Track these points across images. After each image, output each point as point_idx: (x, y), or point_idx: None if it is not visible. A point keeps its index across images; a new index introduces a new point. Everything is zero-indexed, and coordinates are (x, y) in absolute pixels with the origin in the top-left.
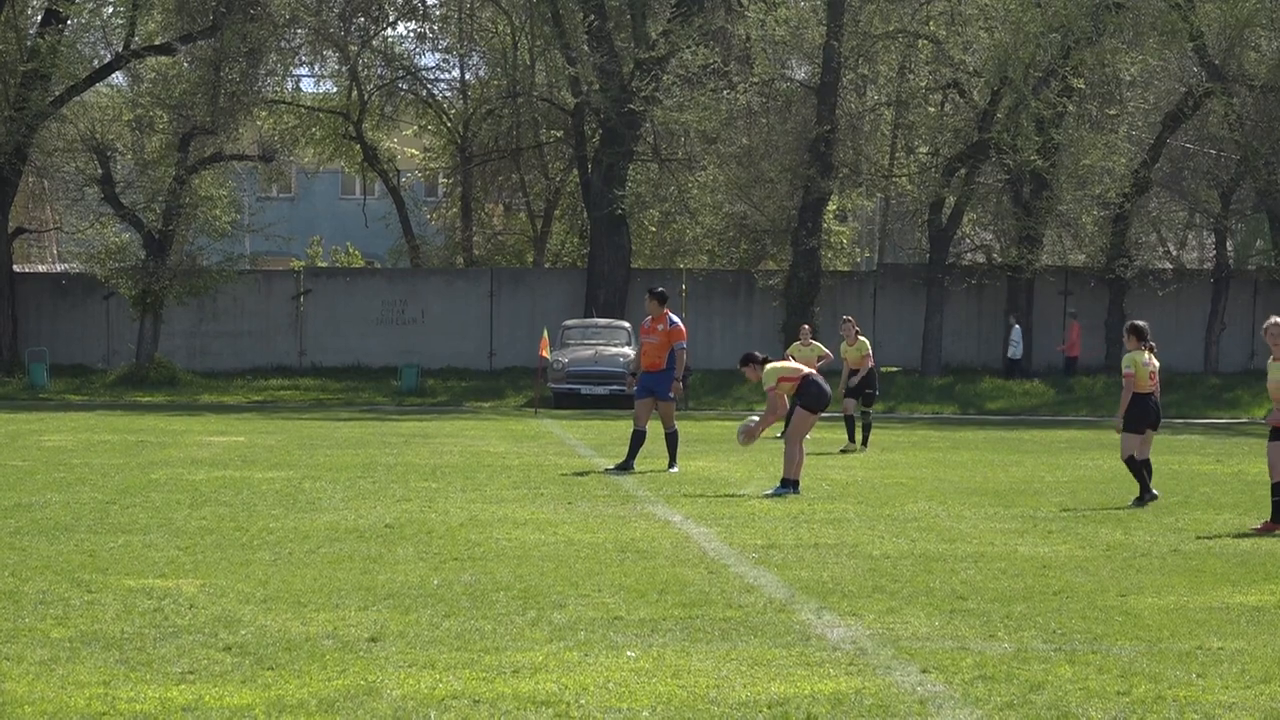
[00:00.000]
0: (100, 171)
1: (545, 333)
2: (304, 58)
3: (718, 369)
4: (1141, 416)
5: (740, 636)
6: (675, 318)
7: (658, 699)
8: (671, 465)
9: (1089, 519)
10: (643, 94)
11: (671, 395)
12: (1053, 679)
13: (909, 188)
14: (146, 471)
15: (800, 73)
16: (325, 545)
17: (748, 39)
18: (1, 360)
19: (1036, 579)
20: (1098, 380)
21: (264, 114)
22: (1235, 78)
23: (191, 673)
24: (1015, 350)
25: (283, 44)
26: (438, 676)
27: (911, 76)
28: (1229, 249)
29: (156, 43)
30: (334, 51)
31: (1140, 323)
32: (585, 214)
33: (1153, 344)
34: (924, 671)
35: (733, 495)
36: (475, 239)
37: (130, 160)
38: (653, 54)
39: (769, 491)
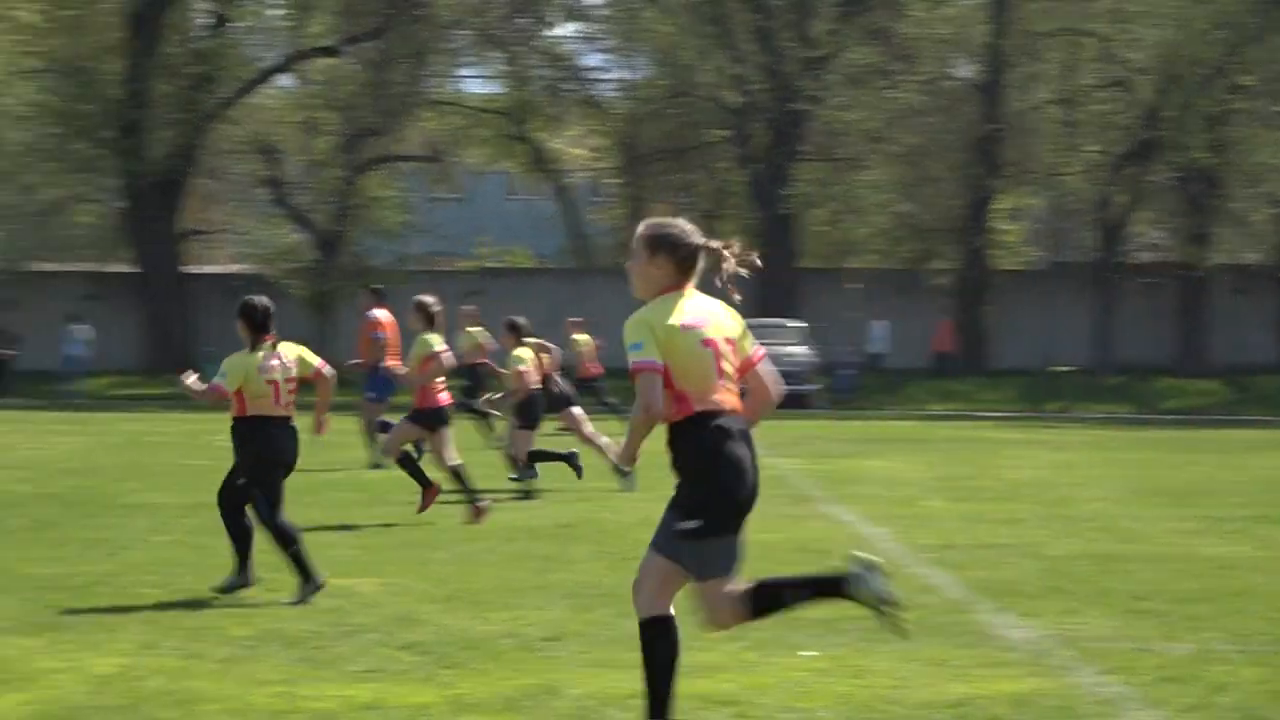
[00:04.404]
0: (269, 173)
1: None
2: (468, 59)
3: (888, 368)
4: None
5: (919, 637)
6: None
7: (837, 699)
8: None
9: (1268, 520)
10: (807, 93)
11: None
12: (1237, 681)
13: (1077, 186)
14: (325, 471)
15: (965, 71)
16: (502, 544)
17: (912, 37)
18: (174, 361)
19: (1217, 580)
20: (1273, 380)
21: (430, 115)
22: None
23: (372, 671)
24: (878, 346)
25: (447, 45)
26: (617, 676)
27: (1078, 74)
28: None
29: (322, 45)
30: (498, 52)
31: (516, 319)
32: (753, 214)
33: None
34: (1105, 673)
35: (911, 497)
36: None
37: (299, 161)
38: (817, 53)
39: None
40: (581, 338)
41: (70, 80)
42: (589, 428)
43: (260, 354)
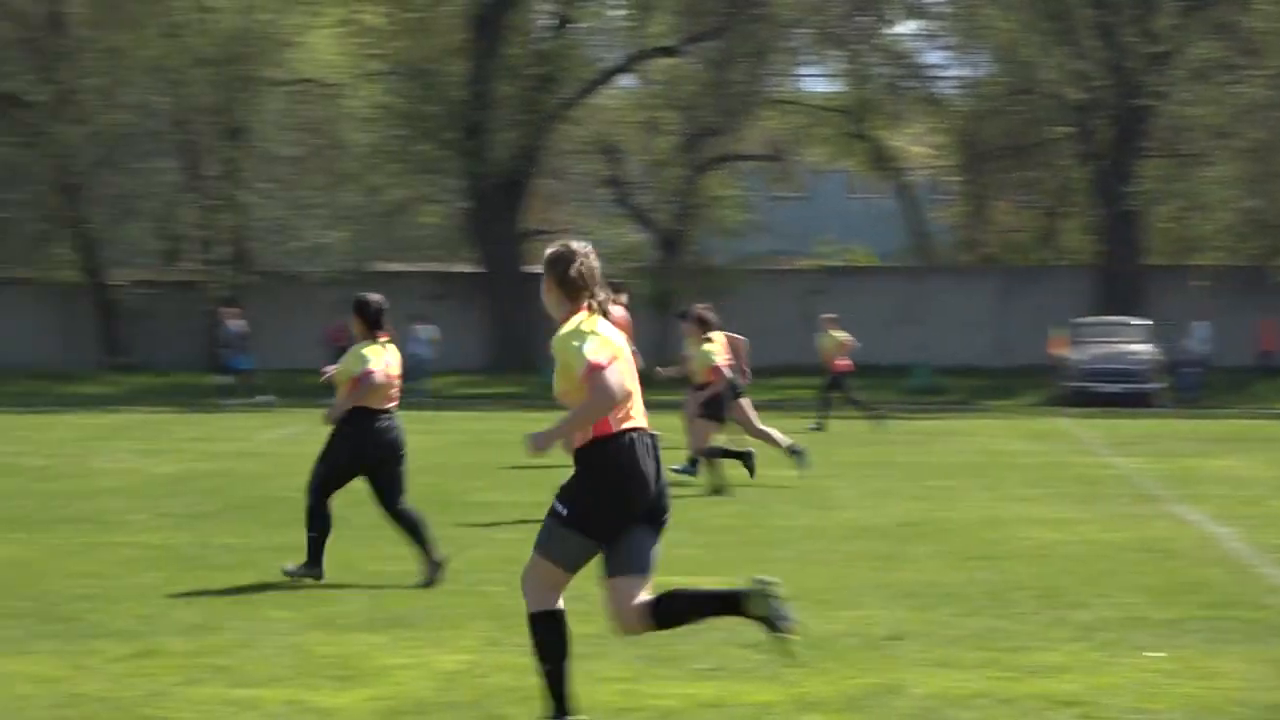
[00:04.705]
0: (610, 173)
1: (1058, 330)
2: (808, 57)
3: (1231, 366)
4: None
5: (1268, 638)
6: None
7: (1184, 701)
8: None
9: None
10: (1151, 89)
11: None
12: None
13: None
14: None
15: None
16: (843, 543)
17: (1259, 31)
18: (517, 360)
19: None
20: None
21: (770, 114)
22: None
23: (715, 669)
24: (1200, 346)
25: (787, 44)
26: (960, 676)
27: None
28: None
29: (663, 45)
30: (838, 51)
31: (705, 313)
32: (1095, 211)
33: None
34: None
35: (1258, 497)
36: (984, 236)
37: (640, 161)
38: (1160, 48)
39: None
40: (836, 334)
41: (415, 82)
42: (757, 421)
43: (370, 351)
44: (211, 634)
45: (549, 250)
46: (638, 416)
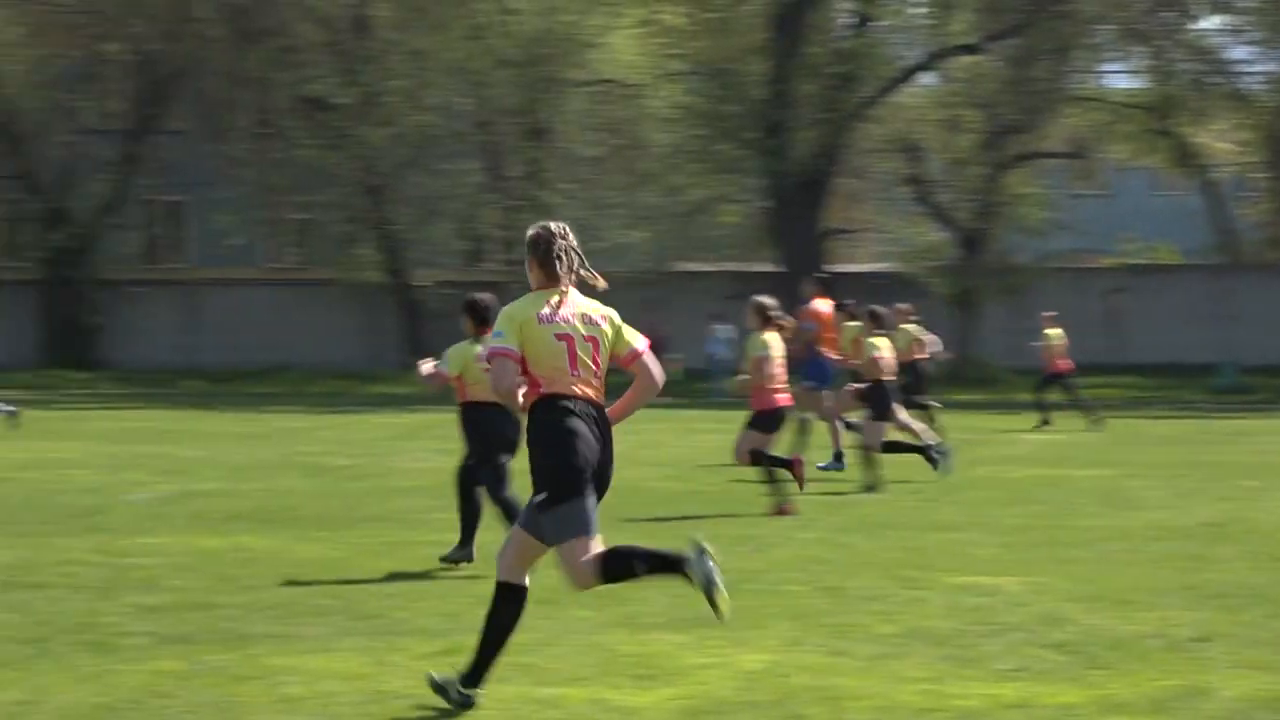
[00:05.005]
0: (911, 171)
1: None
2: (1111, 53)
3: None
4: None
5: None
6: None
7: None
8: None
9: None
10: None
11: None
12: None
13: None
14: (968, 469)
15: None
16: (1147, 544)
17: None
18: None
19: None
20: None
21: (1073, 111)
22: None
23: (1018, 670)
24: None
25: (1089, 40)
26: (1269, 678)
27: None
28: None
29: (964, 42)
30: (1141, 47)
31: (877, 308)
32: None
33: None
34: None
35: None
36: None
37: (941, 159)
38: None
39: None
40: (1053, 332)
41: (715, 82)
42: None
43: (480, 345)
44: (514, 633)
45: (529, 232)
46: (578, 388)
